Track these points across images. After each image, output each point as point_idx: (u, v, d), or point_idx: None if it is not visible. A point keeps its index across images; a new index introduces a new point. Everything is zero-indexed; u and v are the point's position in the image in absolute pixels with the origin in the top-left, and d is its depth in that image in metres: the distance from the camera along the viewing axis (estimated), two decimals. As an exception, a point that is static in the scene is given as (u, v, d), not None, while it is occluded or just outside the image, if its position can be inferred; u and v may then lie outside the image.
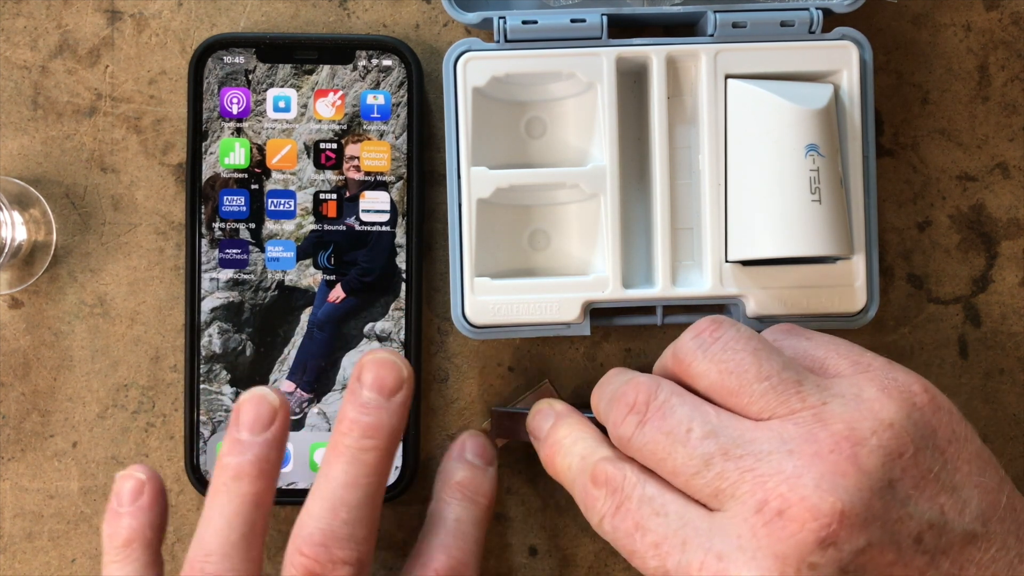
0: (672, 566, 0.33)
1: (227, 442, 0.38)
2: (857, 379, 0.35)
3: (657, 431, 0.35)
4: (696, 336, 0.36)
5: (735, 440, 0.34)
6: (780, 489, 0.32)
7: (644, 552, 0.34)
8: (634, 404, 0.36)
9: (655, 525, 0.34)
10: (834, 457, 0.32)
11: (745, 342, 0.35)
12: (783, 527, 0.32)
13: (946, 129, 0.46)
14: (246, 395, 0.38)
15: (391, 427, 0.37)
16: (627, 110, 0.44)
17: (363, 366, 0.38)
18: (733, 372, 0.35)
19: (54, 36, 0.46)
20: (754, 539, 0.32)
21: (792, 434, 0.33)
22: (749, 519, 0.32)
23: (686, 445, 0.34)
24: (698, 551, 0.33)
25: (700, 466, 0.34)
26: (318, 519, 0.36)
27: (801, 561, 0.32)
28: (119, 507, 0.39)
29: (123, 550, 0.38)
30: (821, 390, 0.34)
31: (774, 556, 0.32)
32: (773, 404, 0.34)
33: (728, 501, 0.33)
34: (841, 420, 0.33)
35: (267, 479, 0.37)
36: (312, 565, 0.36)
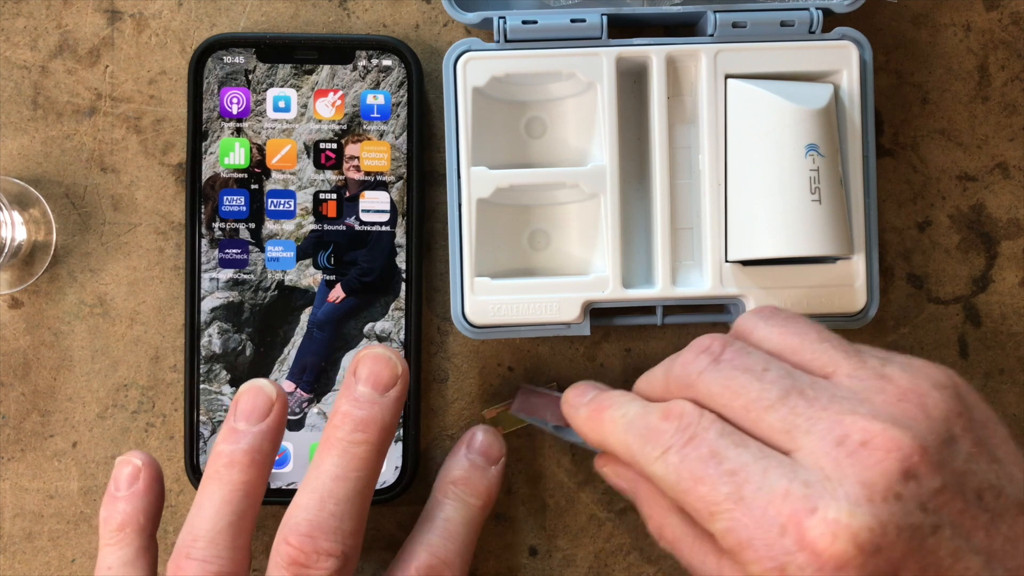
0: (750, 492, 0.33)
1: (223, 431, 0.38)
2: (897, 357, 0.36)
3: (733, 367, 0.35)
4: (756, 312, 0.37)
5: (810, 383, 0.34)
6: (860, 423, 0.32)
7: (716, 478, 0.33)
8: (708, 347, 0.36)
9: (734, 454, 0.34)
10: (904, 405, 0.33)
11: (803, 317, 0.37)
12: (868, 456, 0.32)
13: (946, 129, 0.46)
14: (245, 386, 0.39)
15: (384, 422, 0.37)
16: (627, 110, 0.44)
17: (359, 361, 0.38)
18: (795, 333, 0.36)
19: (54, 36, 0.46)
20: (838, 469, 0.32)
21: (860, 387, 0.34)
22: (831, 452, 0.32)
23: (762, 380, 0.34)
24: (782, 479, 0.32)
25: (776, 399, 0.34)
26: (306, 510, 0.36)
27: (888, 489, 0.32)
28: (116, 492, 0.39)
29: (117, 534, 0.39)
30: (877, 357, 0.35)
31: (861, 483, 0.32)
32: (837, 358, 0.35)
33: (803, 437, 0.33)
34: (903, 378, 0.34)
35: (259, 469, 0.38)
36: (297, 555, 0.36)
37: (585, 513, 0.46)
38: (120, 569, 0.39)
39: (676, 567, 0.46)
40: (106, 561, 0.39)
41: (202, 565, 0.36)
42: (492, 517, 0.46)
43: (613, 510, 0.46)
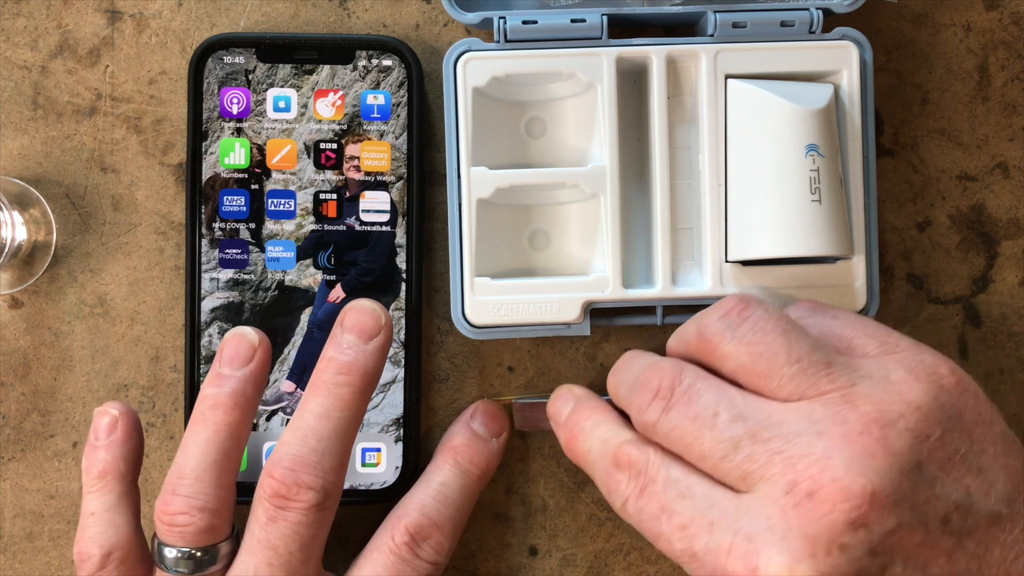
0: (699, 548, 0.33)
1: (209, 375, 0.40)
2: (885, 360, 0.35)
3: (683, 416, 0.35)
4: (724, 316, 0.36)
5: (763, 423, 0.34)
6: (810, 471, 0.32)
7: (671, 534, 0.34)
8: (658, 390, 0.36)
9: (681, 507, 0.34)
10: (863, 439, 0.32)
11: (775, 323, 0.35)
12: (814, 508, 0.32)
13: (946, 129, 0.46)
14: (229, 333, 0.41)
15: (366, 367, 0.39)
16: (627, 110, 0.44)
17: (345, 313, 0.40)
18: (763, 355, 0.35)
19: (54, 36, 0.46)
20: (784, 520, 0.32)
21: (821, 415, 0.33)
22: (779, 500, 0.32)
23: (713, 429, 0.34)
24: (726, 533, 0.33)
25: (728, 449, 0.34)
26: (288, 446, 0.38)
27: (832, 542, 0.31)
28: (95, 441, 0.41)
29: (98, 481, 0.40)
30: (850, 371, 0.34)
31: (804, 537, 0.31)
32: (803, 387, 0.34)
33: (757, 483, 0.33)
34: (870, 402, 0.33)
35: (242, 411, 0.39)
36: (279, 487, 0.38)
37: (585, 513, 0.46)
38: (103, 515, 0.40)
39: (676, 567, 0.46)
40: (89, 507, 0.40)
41: (187, 500, 0.38)
42: (492, 517, 0.46)
43: (613, 510, 0.46)
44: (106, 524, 0.40)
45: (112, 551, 0.39)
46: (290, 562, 0.38)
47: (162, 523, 0.39)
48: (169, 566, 0.39)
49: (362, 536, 0.42)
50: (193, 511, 0.38)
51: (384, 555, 0.40)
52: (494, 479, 0.46)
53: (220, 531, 0.39)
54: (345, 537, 0.45)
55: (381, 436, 0.44)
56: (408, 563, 0.40)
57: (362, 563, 0.40)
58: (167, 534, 0.39)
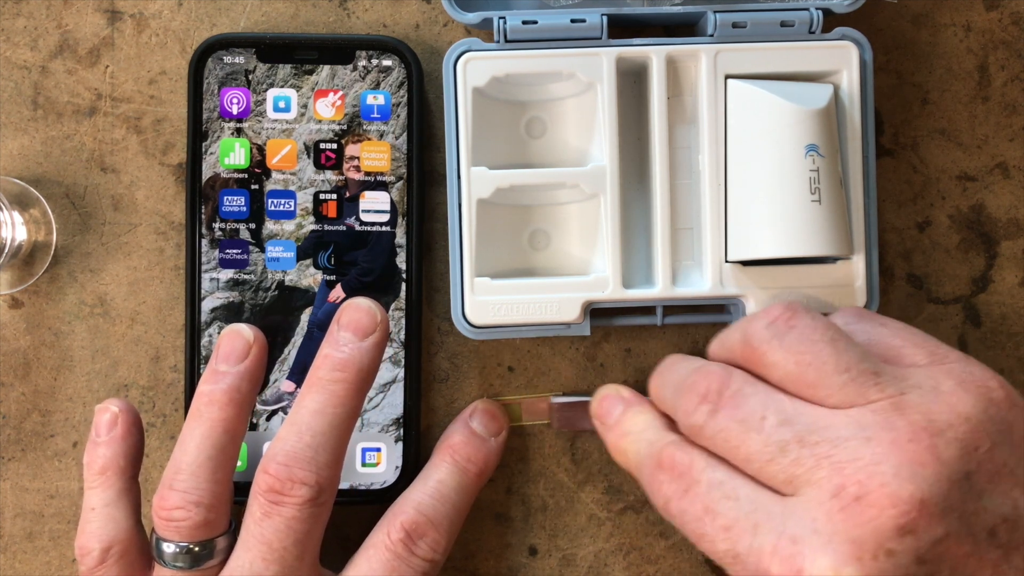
0: (743, 549, 0.33)
1: (205, 372, 0.41)
2: (934, 371, 0.34)
3: (730, 419, 0.35)
4: (771, 323, 0.36)
5: (810, 427, 0.33)
6: (858, 475, 0.32)
7: (714, 535, 0.34)
8: (706, 393, 0.36)
9: (726, 508, 0.34)
10: (913, 446, 0.32)
11: (823, 331, 0.35)
12: (861, 512, 0.31)
13: (946, 129, 0.46)
14: (225, 330, 0.41)
15: (362, 364, 0.39)
16: (627, 110, 0.44)
17: (342, 311, 0.40)
18: (812, 364, 0.34)
19: (54, 36, 0.46)
20: (830, 523, 0.32)
21: (870, 421, 0.33)
22: (825, 504, 0.32)
23: (760, 432, 0.34)
24: (770, 534, 0.33)
25: (775, 452, 0.33)
26: (284, 442, 0.39)
27: (879, 547, 0.31)
28: (96, 437, 0.41)
29: (99, 477, 0.41)
30: (899, 380, 0.34)
31: (851, 541, 0.31)
32: (852, 396, 0.34)
33: (803, 487, 0.33)
34: (919, 411, 0.33)
35: (237, 407, 0.40)
36: (273, 483, 0.38)
37: (585, 513, 0.46)
38: (103, 510, 0.40)
39: (676, 567, 0.46)
40: (90, 502, 0.41)
41: (183, 495, 0.39)
42: (492, 517, 0.46)
43: (613, 510, 0.46)
44: (106, 519, 0.40)
45: (112, 546, 0.40)
46: (284, 557, 0.38)
47: (159, 518, 0.39)
48: (167, 561, 0.39)
49: (362, 536, 0.42)
50: (189, 506, 0.38)
51: (380, 552, 0.40)
52: (494, 479, 0.46)
53: (217, 526, 0.39)
54: (345, 537, 0.45)
55: (381, 436, 0.44)
56: (404, 560, 0.40)
57: (358, 561, 0.40)
58: (164, 529, 0.39)
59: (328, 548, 0.41)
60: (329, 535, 0.40)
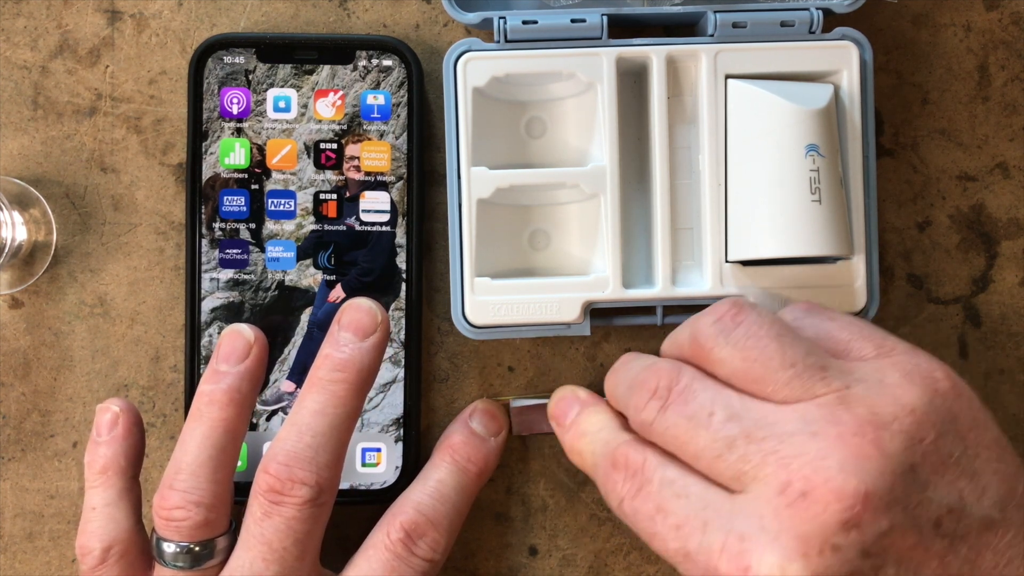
0: (693, 547, 0.33)
1: (206, 372, 0.41)
2: (880, 363, 0.35)
3: (679, 415, 0.35)
4: (717, 320, 0.36)
5: (757, 423, 0.34)
6: (804, 471, 0.32)
7: (665, 534, 0.34)
8: (656, 389, 0.36)
9: (676, 507, 0.34)
10: (857, 440, 0.32)
11: (768, 327, 0.35)
12: (806, 508, 0.32)
13: (946, 129, 0.46)
14: (226, 330, 0.41)
15: (362, 364, 0.39)
16: (627, 110, 0.44)
17: (342, 311, 0.40)
18: (757, 360, 0.35)
19: (54, 36, 0.46)
20: (776, 520, 0.32)
21: (815, 416, 0.33)
22: (772, 500, 0.32)
23: (708, 428, 0.34)
24: (719, 532, 0.33)
25: (722, 449, 0.34)
26: (284, 442, 0.39)
27: (824, 542, 0.31)
28: (97, 437, 0.41)
29: (100, 476, 0.41)
30: (845, 374, 0.34)
31: (797, 537, 0.32)
32: (798, 391, 0.34)
33: (751, 483, 0.33)
34: (864, 404, 0.33)
35: (238, 407, 0.40)
36: (273, 483, 0.38)
37: (585, 513, 0.46)
38: (104, 509, 0.40)
39: (675, 568, 0.46)
40: (91, 502, 0.41)
41: (183, 495, 0.39)
42: (492, 517, 0.46)
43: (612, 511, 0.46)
44: (107, 519, 0.40)
45: (112, 545, 0.40)
46: (284, 557, 0.38)
47: (160, 518, 0.39)
48: (167, 560, 0.39)
49: (362, 536, 0.42)
50: (189, 506, 0.39)
51: (380, 552, 0.40)
52: (494, 479, 0.46)
53: (217, 526, 0.39)
54: (345, 537, 0.45)
55: (381, 436, 0.44)
56: (404, 560, 0.40)
57: (358, 561, 0.40)
58: (164, 528, 0.39)
59: (328, 548, 0.41)
60: (329, 535, 0.40)
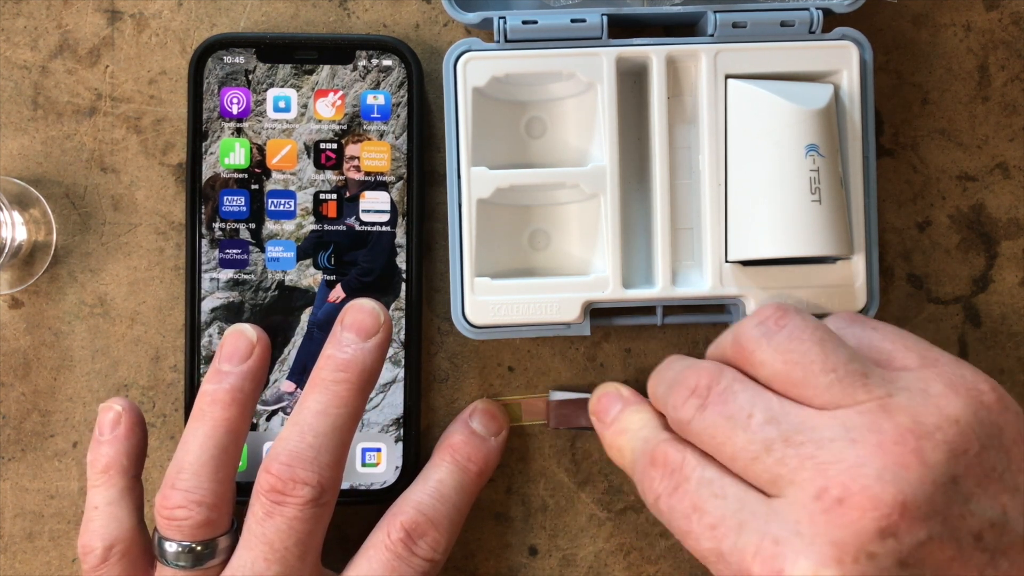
0: (727, 548, 0.33)
1: (208, 372, 0.41)
2: (924, 373, 0.34)
3: (718, 415, 0.35)
4: (760, 323, 0.36)
5: (796, 427, 0.33)
6: (841, 477, 0.32)
7: (700, 533, 0.34)
8: (696, 388, 0.36)
9: (712, 507, 0.34)
10: (898, 449, 0.32)
11: (811, 332, 0.35)
12: (843, 515, 0.31)
13: (946, 129, 0.46)
14: (228, 330, 0.41)
15: (364, 364, 0.39)
16: (627, 110, 0.44)
17: (345, 312, 0.40)
18: (799, 363, 0.34)
19: (54, 36, 0.46)
20: (812, 525, 0.32)
21: (856, 423, 0.33)
22: (808, 505, 0.32)
23: (747, 430, 0.34)
24: (754, 535, 0.33)
25: (760, 451, 0.33)
26: (286, 442, 0.39)
27: (860, 549, 0.31)
28: (100, 436, 0.41)
29: (102, 475, 0.41)
30: (887, 383, 0.34)
31: (832, 543, 0.31)
32: (839, 396, 0.34)
33: (787, 488, 0.33)
34: (906, 413, 0.33)
35: (240, 407, 0.40)
36: (275, 482, 0.38)
37: (585, 513, 0.46)
38: (106, 508, 0.40)
39: (676, 567, 0.46)
40: (93, 501, 0.41)
41: (185, 495, 0.39)
42: (492, 517, 0.46)
43: (613, 510, 0.46)
44: (108, 518, 0.40)
45: (114, 544, 0.40)
46: (286, 557, 0.38)
47: (162, 517, 0.39)
48: (169, 560, 0.39)
49: (362, 536, 0.42)
50: (191, 505, 0.39)
51: (380, 552, 0.40)
52: (494, 479, 0.46)
53: (219, 525, 0.39)
54: (345, 537, 0.45)
55: (381, 436, 0.44)
56: (404, 560, 0.40)
57: (358, 561, 0.40)
58: (166, 528, 0.39)
59: (328, 548, 0.41)
60: (329, 535, 0.40)
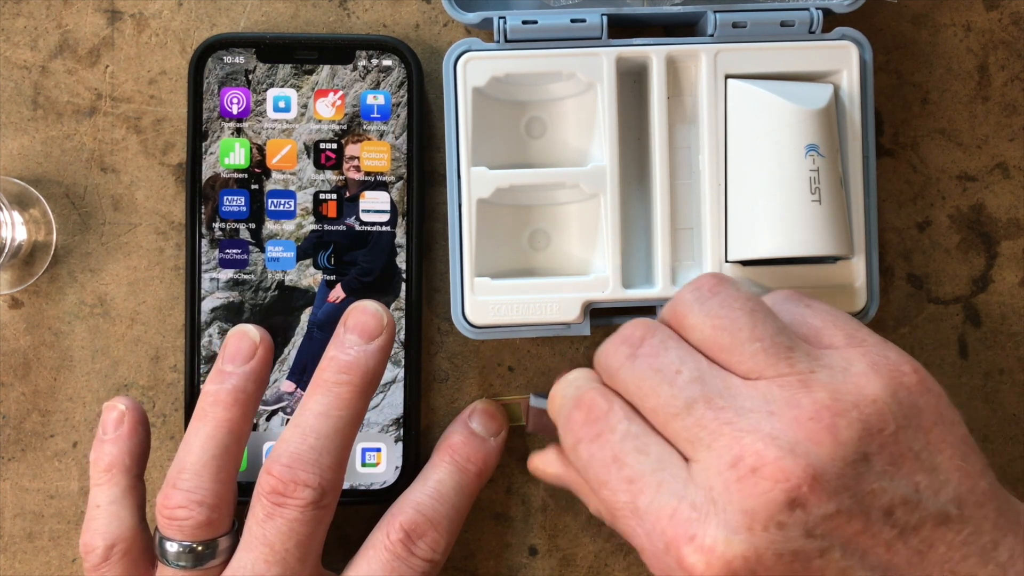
0: (643, 504, 0.34)
1: (211, 372, 0.41)
2: (848, 352, 0.35)
3: (647, 367, 0.35)
4: (695, 289, 0.37)
5: (719, 391, 0.34)
6: (756, 446, 0.33)
7: (616, 485, 0.35)
8: (629, 337, 0.36)
9: (634, 461, 0.35)
10: (812, 424, 0.33)
11: (743, 301, 0.36)
12: (755, 484, 0.32)
13: (946, 129, 0.46)
14: (232, 331, 0.42)
15: (367, 367, 0.40)
16: (627, 110, 0.44)
17: (348, 313, 0.41)
18: (726, 329, 0.35)
19: (54, 36, 0.46)
20: (726, 492, 0.33)
21: (776, 396, 0.34)
22: (723, 473, 0.33)
23: (672, 385, 0.35)
24: (672, 497, 0.33)
25: (681, 408, 0.34)
26: (288, 443, 0.39)
27: (769, 518, 0.32)
28: (103, 435, 0.42)
29: (105, 474, 0.41)
30: (811, 359, 0.35)
31: (743, 511, 0.32)
32: (762, 366, 0.35)
33: (703, 451, 0.34)
34: (825, 389, 0.34)
35: (242, 407, 0.40)
36: (276, 484, 0.38)
37: (585, 513, 0.46)
38: (108, 507, 0.41)
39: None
40: (95, 499, 0.41)
41: (187, 495, 0.39)
42: (492, 517, 0.46)
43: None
44: (110, 517, 0.40)
45: (115, 543, 0.40)
46: (286, 559, 0.38)
47: (163, 516, 0.39)
48: (170, 559, 0.39)
49: (362, 536, 0.42)
50: (192, 505, 0.39)
51: (380, 553, 0.40)
52: (494, 479, 0.46)
53: (219, 526, 0.39)
54: (345, 537, 0.45)
55: (381, 436, 0.44)
56: (404, 561, 0.40)
57: (358, 561, 0.40)
58: (167, 527, 0.39)
59: (328, 548, 0.41)
60: (329, 535, 0.40)
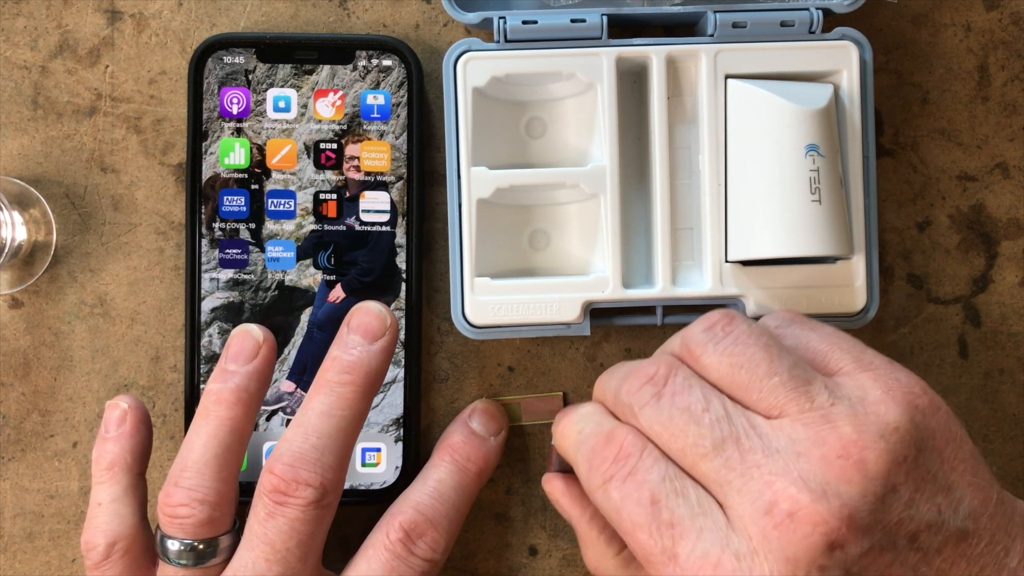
0: (684, 551, 0.33)
1: (215, 371, 0.41)
2: (861, 378, 0.35)
3: (673, 406, 0.35)
4: (708, 328, 0.36)
5: (746, 430, 0.34)
6: (789, 491, 0.32)
7: (655, 529, 0.34)
8: (653, 376, 0.36)
9: (674, 505, 0.34)
10: (841, 463, 0.33)
11: (756, 337, 0.36)
12: (794, 530, 0.32)
13: (946, 129, 0.46)
14: (235, 330, 0.41)
15: (370, 367, 0.40)
16: (627, 110, 0.44)
17: (352, 314, 0.41)
18: (744, 367, 0.35)
19: (54, 36, 0.46)
20: (765, 541, 0.32)
21: (801, 435, 0.33)
22: (759, 520, 0.33)
23: (700, 424, 0.34)
24: (715, 545, 0.33)
25: (710, 449, 0.34)
26: (290, 443, 0.39)
27: (811, 563, 0.32)
28: (105, 433, 0.42)
29: (107, 472, 0.41)
30: (828, 391, 0.35)
31: (786, 560, 0.32)
32: (782, 401, 0.34)
33: (734, 495, 0.33)
34: (848, 422, 0.33)
35: (245, 407, 0.40)
36: (278, 483, 0.38)
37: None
38: (109, 505, 0.41)
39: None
40: (97, 497, 0.41)
41: (189, 493, 0.39)
42: (492, 517, 0.46)
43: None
44: (112, 515, 0.40)
45: (117, 541, 0.40)
46: (287, 558, 0.38)
47: (164, 515, 0.39)
48: (171, 558, 0.39)
49: (362, 536, 0.42)
50: (194, 503, 0.39)
51: (379, 552, 0.40)
52: (494, 479, 0.46)
53: (221, 524, 0.39)
54: (345, 537, 0.45)
55: (381, 436, 0.44)
56: (403, 560, 0.40)
57: (358, 561, 0.40)
58: (169, 526, 0.39)
59: (328, 548, 0.41)
60: (329, 535, 0.40)
